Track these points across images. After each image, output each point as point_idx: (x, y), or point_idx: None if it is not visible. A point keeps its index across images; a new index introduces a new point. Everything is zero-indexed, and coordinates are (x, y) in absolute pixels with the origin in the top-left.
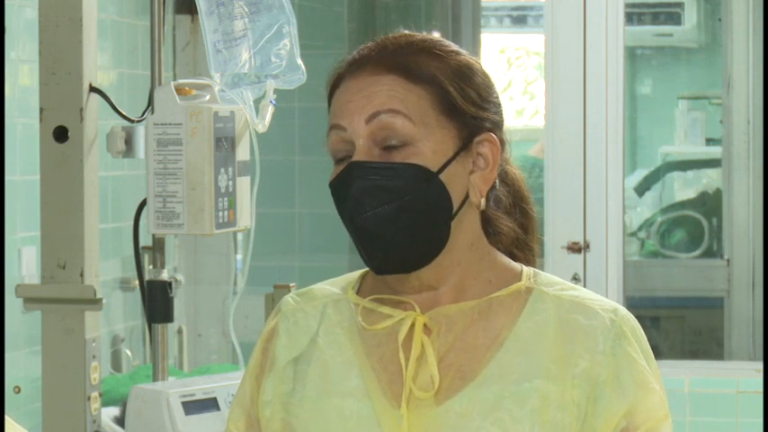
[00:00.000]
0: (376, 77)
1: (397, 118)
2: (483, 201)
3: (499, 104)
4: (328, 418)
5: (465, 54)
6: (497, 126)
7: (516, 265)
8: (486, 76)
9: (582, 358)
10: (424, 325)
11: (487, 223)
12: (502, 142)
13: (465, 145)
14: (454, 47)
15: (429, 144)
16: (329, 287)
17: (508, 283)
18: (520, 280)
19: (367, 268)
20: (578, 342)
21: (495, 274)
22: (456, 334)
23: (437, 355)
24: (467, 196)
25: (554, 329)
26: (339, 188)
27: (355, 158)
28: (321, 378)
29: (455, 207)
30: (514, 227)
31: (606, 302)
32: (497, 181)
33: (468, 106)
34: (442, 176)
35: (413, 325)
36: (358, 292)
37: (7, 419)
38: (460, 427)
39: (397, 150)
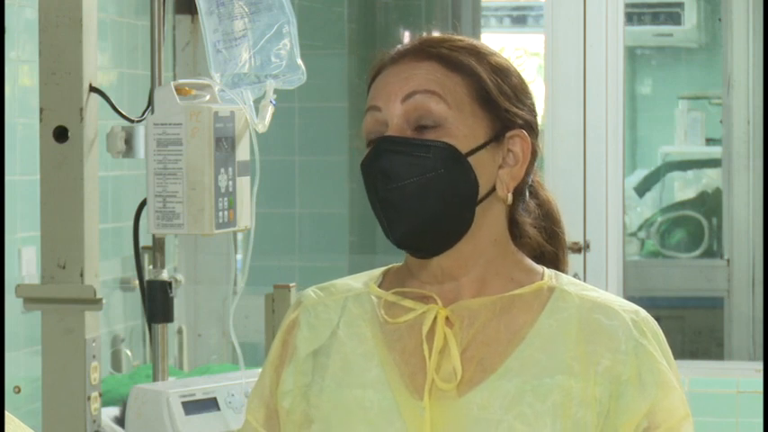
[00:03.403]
0: (416, 63)
1: (433, 99)
2: (509, 196)
3: (534, 109)
4: (349, 408)
5: (504, 57)
6: (530, 128)
7: (538, 267)
8: (522, 80)
9: (604, 357)
10: (446, 318)
11: (514, 225)
12: (534, 148)
13: (497, 137)
14: (493, 49)
15: (461, 128)
16: (351, 282)
17: (530, 282)
18: (542, 279)
19: (389, 265)
20: (600, 342)
21: (518, 272)
22: (478, 327)
23: (459, 348)
24: (493, 188)
25: (576, 328)
26: (368, 163)
27: (387, 134)
28: (341, 369)
29: (481, 194)
30: (537, 236)
31: (627, 304)
32: (528, 193)
33: (502, 99)
34: (471, 160)
35: (435, 318)
36: (380, 288)
37: (11, 417)
38: (482, 420)
39: (428, 130)
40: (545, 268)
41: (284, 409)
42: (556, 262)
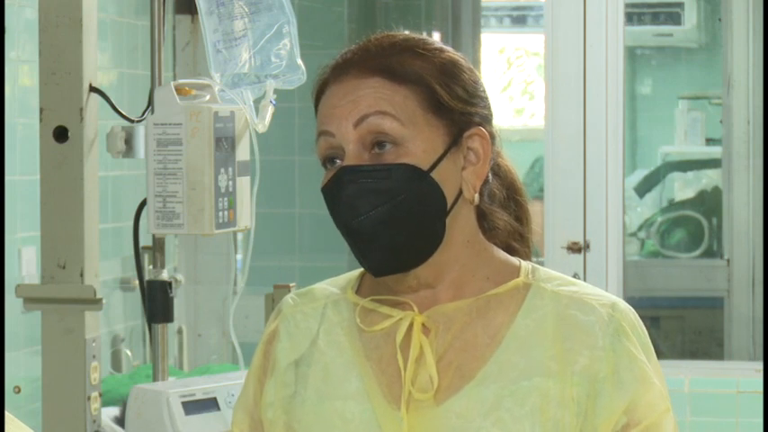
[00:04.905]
0: (360, 80)
1: (385, 119)
2: (476, 196)
3: (486, 98)
4: (330, 420)
5: (449, 51)
6: (486, 120)
7: (514, 260)
8: (471, 71)
9: (581, 355)
10: (423, 324)
11: (483, 218)
12: (492, 136)
13: (455, 141)
14: (438, 44)
15: (419, 143)
16: (329, 287)
17: (506, 280)
18: (518, 276)
19: None
20: (577, 339)
21: (493, 270)
22: (454, 333)
23: (436, 354)
24: (460, 192)
25: (552, 326)
26: (331, 194)
27: (345, 163)
28: (322, 380)
29: (449, 204)
30: (510, 220)
31: (605, 297)
32: (490, 175)
33: (455, 103)
34: (434, 174)
35: (411, 325)
36: (357, 292)
37: (11, 417)
38: (461, 428)
39: (386, 152)
40: (521, 261)
41: (268, 420)
42: (524, 241)
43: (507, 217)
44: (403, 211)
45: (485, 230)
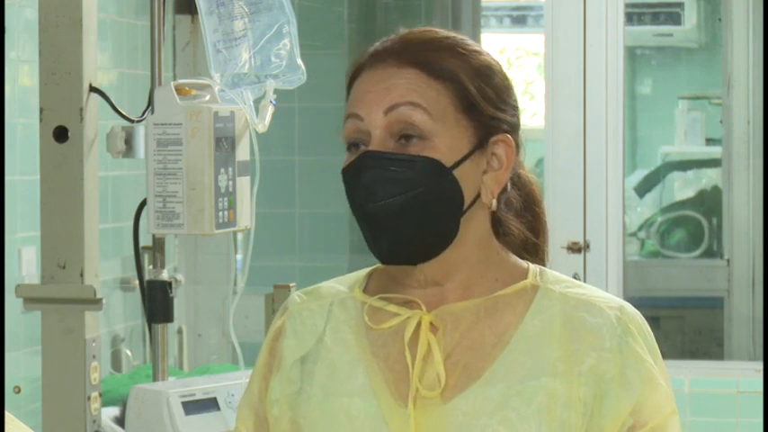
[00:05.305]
0: (396, 70)
1: (416, 111)
2: (494, 201)
3: (517, 107)
4: (336, 417)
5: (487, 54)
6: (514, 129)
7: (523, 263)
8: (505, 78)
9: (588, 356)
10: (431, 323)
11: (497, 224)
12: (517, 145)
13: (480, 144)
14: (477, 46)
15: (445, 140)
16: (336, 285)
17: (514, 281)
18: (526, 278)
19: (374, 266)
20: (584, 340)
21: (502, 272)
22: (462, 332)
23: (443, 353)
24: (478, 195)
25: (560, 327)
26: (351, 176)
27: (370, 149)
28: (328, 377)
29: (466, 204)
30: (524, 230)
31: (612, 300)
32: (509, 184)
33: (486, 106)
34: (456, 173)
35: (419, 324)
36: (365, 291)
37: (11, 417)
38: (467, 426)
39: (412, 143)
40: (529, 264)
41: (273, 417)
42: (538, 251)
43: (521, 226)
44: (419, 204)
45: (498, 236)
